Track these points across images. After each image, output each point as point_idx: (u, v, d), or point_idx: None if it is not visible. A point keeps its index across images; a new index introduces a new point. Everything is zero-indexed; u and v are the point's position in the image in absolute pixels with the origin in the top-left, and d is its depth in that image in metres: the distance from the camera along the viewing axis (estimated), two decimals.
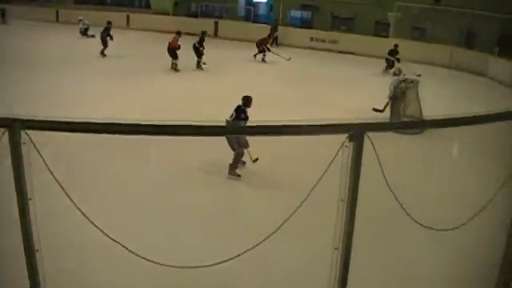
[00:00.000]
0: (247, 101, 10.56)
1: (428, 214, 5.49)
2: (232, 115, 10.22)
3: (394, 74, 15.65)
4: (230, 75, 22.16)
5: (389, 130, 3.63)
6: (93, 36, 32.27)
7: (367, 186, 3.78)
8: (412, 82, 15.24)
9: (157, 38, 30.59)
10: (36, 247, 3.67)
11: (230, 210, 8.58)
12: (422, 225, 4.71)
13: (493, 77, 24.66)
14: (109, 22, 26.70)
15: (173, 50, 22.36)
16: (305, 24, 36.91)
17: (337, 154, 3.39)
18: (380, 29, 34.16)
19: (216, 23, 35.48)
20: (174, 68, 22.52)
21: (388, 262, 6.98)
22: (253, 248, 4.16)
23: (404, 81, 15.15)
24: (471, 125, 3.98)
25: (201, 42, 23.00)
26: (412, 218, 4.52)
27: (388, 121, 14.56)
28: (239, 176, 9.85)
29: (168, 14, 37.21)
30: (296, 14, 37.87)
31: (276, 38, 31.75)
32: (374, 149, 3.54)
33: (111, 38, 26.36)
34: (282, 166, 10.57)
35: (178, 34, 22.59)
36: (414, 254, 7.27)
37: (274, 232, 4.06)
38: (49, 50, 26.99)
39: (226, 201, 9.08)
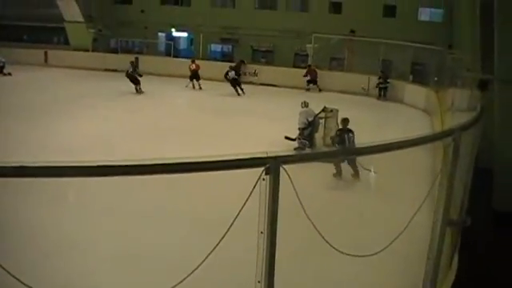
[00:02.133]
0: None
1: (349, 241, 5.55)
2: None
3: (302, 107, 16.03)
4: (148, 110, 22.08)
5: (304, 162, 3.64)
6: (9, 74, 31.37)
7: (288, 216, 3.79)
8: (331, 111, 15.60)
9: (77, 75, 30.27)
10: None
11: (153, 251, 8.41)
12: (342, 252, 4.76)
13: (409, 102, 25.53)
14: (132, 62, 28.06)
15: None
16: (225, 57, 37.32)
17: (253, 188, 3.39)
18: (299, 60, 34.98)
19: (136, 59, 35.26)
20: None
21: None
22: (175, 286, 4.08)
23: (323, 110, 15.52)
24: (386, 152, 4.07)
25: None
26: (332, 247, 4.56)
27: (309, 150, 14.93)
28: None
29: (88, 50, 36.74)
30: (216, 47, 38.31)
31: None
32: (291, 181, 3.56)
33: (140, 75, 27.04)
34: (200, 203, 10.40)
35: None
36: (337, 283, 7.33)
37: (195, 269, 4.00)
38: None
39: (148, 241, 8.88)
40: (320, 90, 28.53)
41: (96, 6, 39.28)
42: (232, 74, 27.31)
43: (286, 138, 15.82)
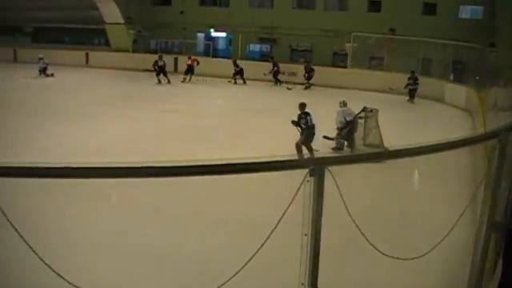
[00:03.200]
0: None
1: (392, 244, 5.49)
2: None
3: (340, 106, 15.93)
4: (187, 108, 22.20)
5: (349, 164, 3.63)
6: (52, 75, 32.09)
7: (330, 217, 3.77)
8: (371, 110, 15.48)
9: (117, 76, 30.70)
10: None
11: (193, 251, 8.41)
12: (385, 254, 4.71)
13: (449, 102, 25.16)
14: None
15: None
16: (264, 57, 37.28)
17: (298, 190, 3.39)
18: (338, 59, 34.76)
19: (176, 59, 35.57)
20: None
21: None
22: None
23: (363, 110, 15.42)
24: (430, 153, 4.03)
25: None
26: (376, 249, 4.52)
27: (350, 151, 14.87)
28: None
29: (128, 51, 37.21)
30: (255, 47, 38.29)
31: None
32: (336, 183, 3.54)
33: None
34: (238, 204, 10.34)
35: None
36: (378, 285, 7.26)
37: (238, 272, 4.00)
38: (7, 89, 26.62)
39: (188, 241, 8.89)
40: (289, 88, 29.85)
41: (135, 8, 39.72)
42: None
43: (324, 137, 15.77)
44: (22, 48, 42.68)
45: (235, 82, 31.13)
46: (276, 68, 31.57)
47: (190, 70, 31.68)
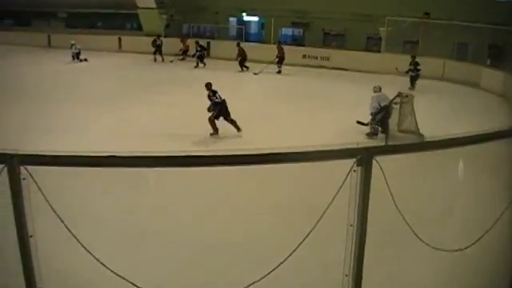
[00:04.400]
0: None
1: (433, 235, 5.38)
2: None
3: (374, 91, 15.76)
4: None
5: (397, 153, 3.54)
6: (85, 60, 32.47)
7: (374, 207, 3.70)
8: (407, 96, 15.27)
9: (150, 60, 30.83)
10: (38, 285, 3.58)
11: (239, 239, 8.36)
12: (428, 245, 4.62)
13: (486, 87, 24.70)
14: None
15: None
16: (296, 41, 37.03)
17: (345, 179, 3.33)
18: (371, 44, 34.32)
19: (208, 43, 35.53)
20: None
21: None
22: (264, 277, 4.06)
23: (399, 95, 15.21)
24: (477, 143, 3.93)
25: None
26: (422, 241, 4.44)
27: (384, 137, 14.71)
28: None
29: (160, 36, 37.23)
30: (287, 31, 38.00)
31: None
32: (384, 174, 3.47)
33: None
34: (285, 190, 10.26)
35: None
36: (423, 277, 7.14)
37: (283, 262, 3.96)
38: (42, 75, 26.94)
39: (234, 231, 8.82)
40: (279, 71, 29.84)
41: None
42: None
43: (358, 122, 15.68)
44: (56, 33, 43.17)
45: (196, 65, 31.37)
46: (240, 56, 31.33)
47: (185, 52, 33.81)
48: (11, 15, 49.29)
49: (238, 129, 15.42)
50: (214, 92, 15.78)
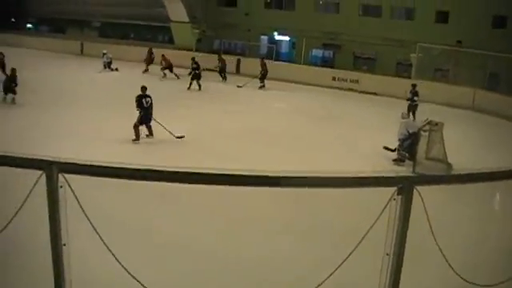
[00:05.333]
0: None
1: (467, 267, 5.27)
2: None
3: (403, 118, 15.73)
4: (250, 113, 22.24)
5: (439, 184, 3.49)
6: (116, 69, 32.88)
7: (411, 237, 3.63)
8: (437, 124, 15.13)
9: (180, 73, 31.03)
10: None
11: (272, 261, 8.28)
12: (462, 278, 4.53)
13: None
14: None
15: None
16: (326, 63, 37.01)
17: (384, 208, 3.28)
18: (402, 69, 34.19)
19: (238, 60, 35.73)
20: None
21: None
22: None
23: (429, 123, 15.09)
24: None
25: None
26: (455, 272, 4.35)
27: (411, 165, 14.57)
28: None
29: (191, 50, 37.45)
30: (318, 52, 37.99)
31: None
32: (424, 205, 3.42)
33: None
34: (320, 215, 10.13)
35: None
36: None
37: (320, 284, 3.91)
38: (75, 82, 27.30)
39: (269, 253, 8.73)
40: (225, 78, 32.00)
41: (201, 8, 40.13)
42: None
43: (385, 148, 15.63)
44: (89, 42, 43.84)
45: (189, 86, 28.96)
46: (221, 64, 32.39)
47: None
48: (47, 22, 50.57)
49: (151, 134, 16.52)
50: (145, 96, 16.45)
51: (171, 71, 32.12)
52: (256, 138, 17.51)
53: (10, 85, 21.10)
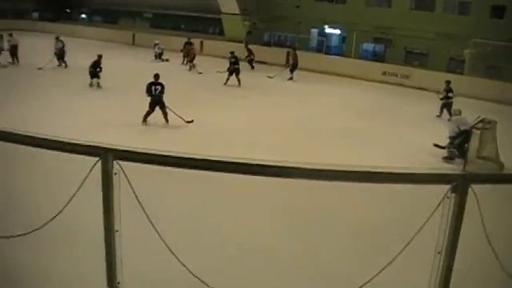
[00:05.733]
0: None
1: None
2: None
3: (455, 114, 15.48)
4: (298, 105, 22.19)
5: (496, 183, 3.43)
6: (167, 60, 33.24)
7: (464, 237, 3.57)
8: (490, 122, 14.81)
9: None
10: (118, 279, 3.64)
11: (320, 258, 8.26)
12: None
13: None
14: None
15: None
16: (376, 57, 36.51)
17: (438, 205, 3.23)
18: (454, 65, 33.49)
19: (288, 53, 35.63)
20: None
21: None
22: None
23: (481, 121, 14.78)
24: None
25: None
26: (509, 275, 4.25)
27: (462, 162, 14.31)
28: None
29: (241, 42, 37.53)
30: (368, 46, 37.55)
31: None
32: (478, 203, 3.35)
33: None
34: (370, 210, 10.06)
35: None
36: None
37: (369, 281, 3.87)
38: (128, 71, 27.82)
39: (316, 249, 8.71)
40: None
41: (252, 0, 40.12)
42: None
43: (435, 145, 15.43)
44: (141, 32, 44.48)
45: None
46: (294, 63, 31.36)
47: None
48: (100, 13, 51.62)
49: (166, 121, 17.25)
50: (155, 84, 17.33)
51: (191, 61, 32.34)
52: (303, 131, 17.49)
53: (95, 70, 23.40)
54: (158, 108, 17.12)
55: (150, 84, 17.27)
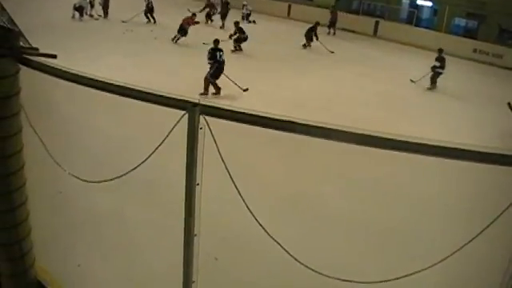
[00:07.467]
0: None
1: None
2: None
3: None
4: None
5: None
6: (254, 22, 33.26)
7: None
8: None
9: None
10: (195, 232, 3.70)
11: (402, 233, 8.22)
12: None
13: None
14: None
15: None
16: (468, 33, 35.18)
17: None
18: None
19: (376, 23, 34.91)
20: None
21: None
22: (410, 274, 3.90)
23: None
24: None
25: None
26: None
27: None
28: None
29: (328, 8, 37.01)
30: (460, 22, 36.30)
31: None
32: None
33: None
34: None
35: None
36: None
37: (445, 258, 3.77)
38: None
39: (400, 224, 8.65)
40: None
41: None
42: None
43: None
44: None
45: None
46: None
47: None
48: None
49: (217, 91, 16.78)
50: (218, 50, 16.91)
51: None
52: (387, 105, 17.28)
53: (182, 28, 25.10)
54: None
55: (214, 50, 16.92)
